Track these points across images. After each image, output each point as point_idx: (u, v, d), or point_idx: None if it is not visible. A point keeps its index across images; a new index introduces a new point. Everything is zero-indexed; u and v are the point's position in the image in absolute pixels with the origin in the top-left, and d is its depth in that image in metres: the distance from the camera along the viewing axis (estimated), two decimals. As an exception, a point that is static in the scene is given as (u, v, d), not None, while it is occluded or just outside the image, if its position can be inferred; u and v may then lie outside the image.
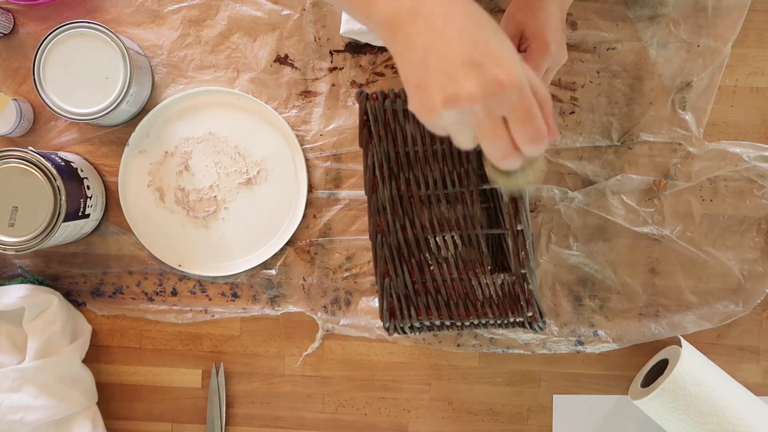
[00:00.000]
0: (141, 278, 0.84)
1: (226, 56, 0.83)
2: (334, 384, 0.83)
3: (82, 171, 0.78)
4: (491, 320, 0.69)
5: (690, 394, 0.73)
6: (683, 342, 0.77)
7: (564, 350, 0.82)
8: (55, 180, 0.72)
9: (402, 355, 0.83)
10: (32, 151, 0.72)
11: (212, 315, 0.83)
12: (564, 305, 0.82)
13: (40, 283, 0.82)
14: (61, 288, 0.83)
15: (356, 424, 0.83)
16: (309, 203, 0.83)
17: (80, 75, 0.76)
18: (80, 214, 0.76)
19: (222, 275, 0.82)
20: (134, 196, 0.82)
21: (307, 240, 0.83)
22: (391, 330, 0.70)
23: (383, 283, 0.69)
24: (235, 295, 0.83)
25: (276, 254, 0.82)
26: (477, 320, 0.69)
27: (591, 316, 0.82)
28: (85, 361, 0.81)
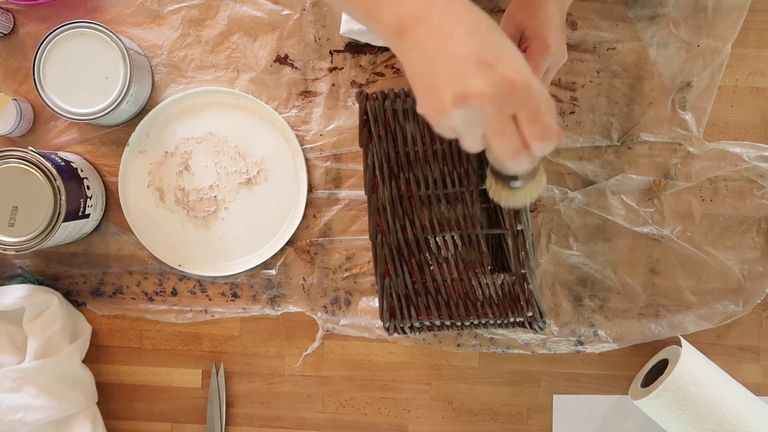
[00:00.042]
0: (141, 278, 0.84)
1: (226, 56, 0.83)
2: (334, 384, 0.83)
3: (82, 171, 0.78)
4: (491, 320, 0.69)
5: (690, 394, 0.73)
6: (683, 342, 0.77)
7: (564, 350, 0.82)
8: (55, 180, 0.72)
9: (402, 355, 0.83)
10: (32, 151, 0.72)
11: (212, 315, 0.83)
12: (564, 305, 0.82)
13: (40, 283, 0.82)
14: (61, 288, 0.83)
15: (356, 424, 0.83)
16: (309, 203, 0.83)
17: (80, 75, 0.76)
18: (80, 214, 0.76)
19: (222, 275, 0.82)
20: (134, 196, 0.82)
21: (307, 240, 0.83)
22: (391, 330, 0.70)
23: (383, 283, 0.69)
24: (235, 295, 0.83)
25: (276, 254, 0.82)
26: (477, 320, 0.69)
27: (591, 316, 0.82)
28: (85, 361, 0.81)
